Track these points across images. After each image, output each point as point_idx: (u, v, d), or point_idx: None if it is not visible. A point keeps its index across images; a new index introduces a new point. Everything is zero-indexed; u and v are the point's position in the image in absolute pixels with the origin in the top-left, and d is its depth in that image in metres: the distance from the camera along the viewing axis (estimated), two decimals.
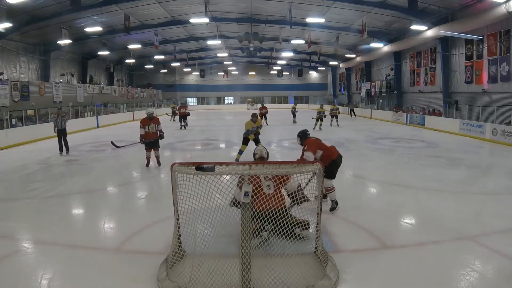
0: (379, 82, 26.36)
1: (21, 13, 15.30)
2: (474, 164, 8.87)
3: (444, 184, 6.66)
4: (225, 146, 12.44)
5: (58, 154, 10.02)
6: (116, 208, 5.54)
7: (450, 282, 3.21)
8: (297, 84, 43.57)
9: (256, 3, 19.16)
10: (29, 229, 4.55)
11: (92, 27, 18.27)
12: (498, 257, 3.68)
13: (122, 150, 11.11)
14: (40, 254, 3.86)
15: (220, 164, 3.11)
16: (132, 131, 17.17)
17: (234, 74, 42.97)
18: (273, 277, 3.02)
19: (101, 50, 24.43)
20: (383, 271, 3.41)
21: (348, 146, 11.57)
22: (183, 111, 17.93)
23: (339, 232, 4.34)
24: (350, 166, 8.26)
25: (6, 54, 18.76)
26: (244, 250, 2.90)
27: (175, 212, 3.38)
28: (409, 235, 4.36)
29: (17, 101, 16.68)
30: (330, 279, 3.12)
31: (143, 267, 3.44)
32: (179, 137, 13.42)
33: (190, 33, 25.82)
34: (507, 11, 12.23)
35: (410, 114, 19.77)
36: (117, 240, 4.18)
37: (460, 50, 17.16)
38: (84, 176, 7.56)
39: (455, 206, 5.39)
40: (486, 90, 15.48)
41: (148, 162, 8.28)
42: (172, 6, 18.84)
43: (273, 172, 3.21)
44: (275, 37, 25.33)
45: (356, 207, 5.28)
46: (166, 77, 41.70)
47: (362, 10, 17.83)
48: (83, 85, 24.04)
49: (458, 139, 13.44)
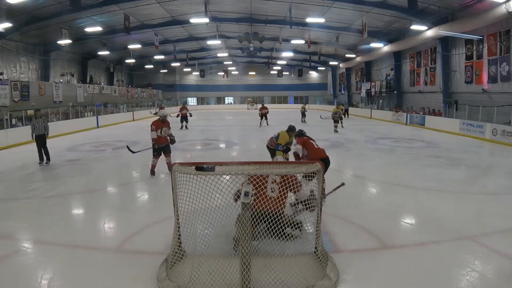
0: (379, 82, 26.37)
1: (21, 13, 15.30)
2: (474, 164, 8.86)
3: (444, 184, 6.66)
4: (225, 146, 12.43)
5: (58, 154, 9.95)
6: (116, 208, 5.53)
7: (450, 282, 3.21)
8: (297, 84, 43.58)
9: (256, 3, 19.16)
10: (29, 229, 4.55)
11: (92, 27, 18.28)
12: (498, 257, 3.68)
13: (122, 150, 11.12)
14: (40, 254, 3.86)
15: (220, 164, 3.11)
16: (132, 131, 17.21)
17: (234, 74, 42.97)
18: (273, 277, 3.02)
19: (101, 50, 24.43)
20: (383, 271, 3.41)
21: (348, 146, 11.57)
22: (184, 112, 17.70)
23: (339, 232, 4.34)
24: (350, 166, 8.27)
25: (6, 54, 18.76)
26: (244, 250, 2.90)
27: (175, 212, 3.38)
28: (409, 235, 4.36)
29: (17, 101, 16.69)
30: (330, 279, 3.12)
31: (143, 267, 3.44)
32: (179, 137, 13.41)
33: (190, 33, 25.83)
34: (507, 11, 12.23)
35: (410, 114, 19.77)
36: (117, 240, 4.18)
37: (460, 50, 17.17)
38: (84, 176, 7.56)
39: (455, 206, 5.39)
40: (486, 90, 15.48)
41: (153, 171, 7.34)
42: (172, 6, 18.84)
43: (273, 172, 3.21)
44: (275, 37, 25.33)
45: (356, 207, 5.28)
46: (166, 77, 41.71)
47: (362, 10, 17.83)
48: (83, 85, 24.05)
49: (458, 139, 13.44)
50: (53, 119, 16.47)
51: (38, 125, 8.75)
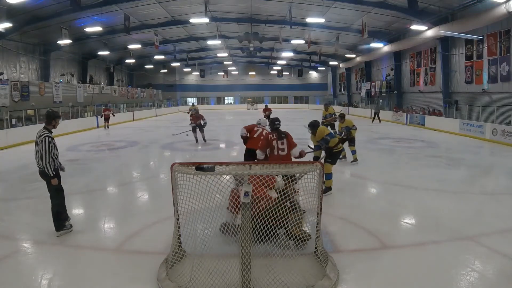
0: (379, 82, 26.36)
1: (21, 13, 15.30)
2: (474, 164, 8.86)
3: (444, 184, 6.65)
4: (225, 146, 12.43)
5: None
6: (116, 208, 5.54)
7: (450, 282, 3.21)
8: (297, 84, 43.57)
9: (256, 3, 19.16)
10: (29, 229, 4.54)
11: (92, 27, 18.26)
12: (498, 257, 3.68)
13: (121, 150, 11.17)
14: (40, 254, 3.86)
15: (220, 164, 3.11)
16: (132, 131, 17.20)
17: (234, 74, 42.96)
18: (273, 277, 3.02)
19: (101, 50, 24.43)
20: (383, 271, 3.41)
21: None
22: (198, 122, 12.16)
23: (339, 232, 4.34)
24: (350, 166, 8.27)
25: (6, 54, 18.76)
26: (244, 250, 2.90)
27: (175, 212, 3.38)
28: (409, 235, 4.36)
29: (17, 101, 16.69)
30: (330, 279, 3.12)
31: (143, 267, 3.44)
32: (179, 137, 13.42)
33: (190, 33, 25.82)
34: (507, 11, 12.22)
35: (410, 114, 19.77)
36: (117, 240, 4.18)
37: (460, 50, 17.16)
38: (84, 176, 7.56)
39: (455, 206, 5.39)
40: (486, 90, 15.48)
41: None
42: (172, 6, 18.84)
43: (273, 172, 3.21)
44: (275, 37, 25.33)
45: (356, 207, 5.28)
46: (166, 77, 41.70)
47: (362, 10, 17.82)
48: (83, 85, 24.05)
49: (458, 139, 13.43)
50: None
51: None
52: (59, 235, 4.17)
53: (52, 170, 4.09)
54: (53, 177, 4.12)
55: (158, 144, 12.50)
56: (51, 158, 4.05)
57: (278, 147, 4.79)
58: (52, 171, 4.08)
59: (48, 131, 4.15)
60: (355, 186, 6.88)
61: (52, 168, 4.08)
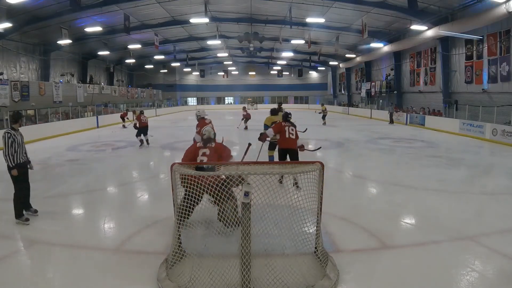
0: (379, 82, 26.36)
1: (21, 13, 15.31)
2: (474, 164, 8.86)
3: (444, 184, 6.65)
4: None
5: (58, 154, 9.94)
6: (116, 208, 5.54)
7: (450, 282, 3.21)
8: (297, 84, 43.59)
9: (256, 3, 19.16)
10: (29, 229, 4.54)
11: (92, 27, 18.27)
12: (498, 257, 3.68)
13: (121, 150, 11.18)
14: (40, 254, 3.86)
15: (220, 164, 3.11)
16: (132, 131, 17.14)
17: (234, 74, 42.97)
18: (273, 277, 3.02)
19: (101, 50, 24.43)
20: (383, 271, 3.41)
21: (348, 146, 11.57)
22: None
23: (339, 232, 4.34)
24: (350, 166, 8.27)
25: (6, 54, 18.76)
26: (244, 250, 2.90)
27: (175, 212, 3.38)
28: (409, 235, 4.36)
29: (17, 101, 16.69)
30: (330, 279, 3.12)
31: (143, 267, 3.44)
32: (179, 137, 13.43)
33: (190, 33, 25.83)
34: (507, 11, 12.22)
35: (410, 114, 19.77)
36: (117, 240, 4.18)
37: (460, 50, 17.17)
38: (84, 176, 7.56)
39: (455, 206, 5.39)
40: (486, 90, 15.48)
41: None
42: (172, 6, 18.84)
43: (273, 172, 3.20)
44: (275, 37, 25.33)
45: (356, 207, 5.28)
46: (166, 77, 41.71)
47: (362, 10, 17.83)
48: (83, 85, 24.04)
49: (458, 139, 13.43)
50: (53, 119, 16.47)
51: (19, 141, 4.72)
52: (16, 222, 4.64)
53: (11, 162, 4.61)
54: (12, 168, 4.65)
55: (158, 144, 12.50)
56: (9, 152, 4.61)
57: (289, 131, 6.07)
58: (11, 162, 4.62)
59: (12, 129, 4.74)
60: (355, 186, 6.89)
61: (11, 160, 4.61)
